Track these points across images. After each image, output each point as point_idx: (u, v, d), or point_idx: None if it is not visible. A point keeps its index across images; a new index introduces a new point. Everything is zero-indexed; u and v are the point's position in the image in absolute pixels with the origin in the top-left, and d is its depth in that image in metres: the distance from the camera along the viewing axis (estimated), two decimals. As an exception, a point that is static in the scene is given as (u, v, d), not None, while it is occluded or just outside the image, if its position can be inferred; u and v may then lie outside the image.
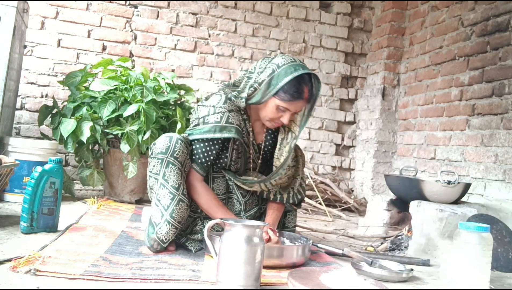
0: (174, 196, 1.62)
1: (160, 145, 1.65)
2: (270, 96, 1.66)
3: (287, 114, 1.68)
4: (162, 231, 1.63)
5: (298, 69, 1.63)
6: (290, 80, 1.61)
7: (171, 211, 1.62)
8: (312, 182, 3.59)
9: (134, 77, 2.82)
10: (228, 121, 1.67)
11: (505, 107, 2.69)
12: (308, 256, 1.72)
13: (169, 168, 1.63)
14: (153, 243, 1.64)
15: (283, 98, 1.64)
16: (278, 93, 1.63)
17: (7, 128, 2.77)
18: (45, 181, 1.79)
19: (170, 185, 1.63)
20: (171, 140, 1.64)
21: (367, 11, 4.21)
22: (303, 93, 1.65)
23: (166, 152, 1.63)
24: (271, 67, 1.66)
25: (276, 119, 1.70)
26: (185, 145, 1.67)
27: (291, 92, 1.62)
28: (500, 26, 2.80)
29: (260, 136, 1.86)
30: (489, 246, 1.51)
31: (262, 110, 1.72)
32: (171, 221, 1.63)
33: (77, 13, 3.56)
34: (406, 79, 3.83)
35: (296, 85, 1.62)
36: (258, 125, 1.83)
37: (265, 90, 1.66)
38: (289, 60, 1.66)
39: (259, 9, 3.95)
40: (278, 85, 1.62)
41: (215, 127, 1.66)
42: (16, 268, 1.28)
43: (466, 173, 2.95)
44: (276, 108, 1.67)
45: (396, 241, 2.27)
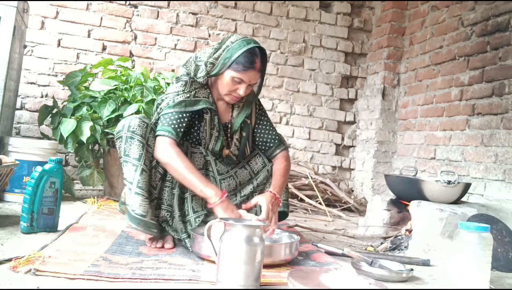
0: (136, 167, 1.66)
1: (117, 127, 1.74)
2: (225, 68, 1.76)
3: (242, 85, 1.78)
4: (135, 205, 1.65)
5: (250, 43, 1.77)
6: (242, 52, 1.74)
7: (137, 182, 1.65)
8: (312, 182, 3.59)
9: (134, 77, 2.82)
10: (195, 96, 1.81)
11: (505, 107, 2.69)
12: (295, 253, 1.71)
13: (128, 142, 1.69)
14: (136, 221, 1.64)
15: (237, 69, 1.75)
16: (232, 65, 1.75)
17: (7, 128, 2.77)
18: (45, 181, 1.79)
19: (132, 158, 1.67)
20: (126, 120, 1.74)
21: (367, 11, 4.21)
22: (255, 64, 1.76)
23: (123, 129, 1.71)
24: (226, 43, 1.79)
25: (233, 91, 1.81)
26: (140, 120, 1.72)
27: (244, 62, 1.74)
28: (500, 26, 2.80)
29: (226, 116, 1.94)
30: (489, 246, 1.51)
31: (220, 85, 1.82)
32: (139, 192, 1.65)
33: (77, 13, 3.56)
34: (406, 79, 3.83)
35: (248, 56, 1.74)
36: (221, 104, 1.92)
37: (221, 64, 1.77)
38: (241, 37, 1.81)
39: (259, 9, 3.95)
40: (232, 57, 1.75)
41: (185, 102, 1.77)
42: (16, 268, 1.28)
43: (466, 173, 2.95)
44: (231, 80, 1.77)
45: (396, 241, 2.27)
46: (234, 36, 1.82)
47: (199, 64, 1.82)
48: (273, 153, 1.99)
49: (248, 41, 1.78)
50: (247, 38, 1.81)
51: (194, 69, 1.82)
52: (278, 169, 1.93)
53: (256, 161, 2.01)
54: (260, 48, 1.79)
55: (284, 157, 1.98)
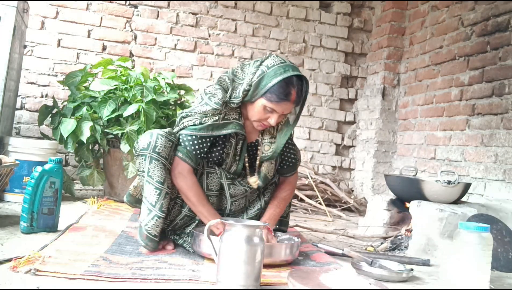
0: (160, 191, 1.64)
1: (142, 142, 1.67)
2: (258, 97, 1.67)
3: (274, 115, 1.68)
4: (151, 226, 1.64)
5: (288, 71, 1.65)
6: (278, 81, 1.63)
7: (159, 206, 1.64)
8: (312, 182, 3.59)
9: (134, 77, 2.82)
10: (224, 118, 1.70)
11: (505, 107, 2.69)
12: (296, 254, 1.71)
13: (152, 164, 1.64)
14: (146, 241, 1.65)
15: (270, 98, 1.65)
16: (266, 94, 1.65)
17: (7, 128, 2.77)
18: (45, 181, 1.79)
19: (155, 181, 1.64)
20: (152, 136, 1.66)
21: (367, 11, 4.21)
22: (290, 95, 1.65)
23: (148, 148, 1.65)
24: (262, 69, 1.67)
25: (263, 120, 1.71)
26: (167, 139, 1.67)
27: (278, 94, 1.63)
28: (500, 26, 2.80)
29: (253, 135, 1.86)
30: (489, 246, 1.51)
31: (250, 111, 1.73)
32: (161, 216, 1.64)
33: (77, 13, 3.56)
34: (406, 79, 3.83)
35: (283, 87, 1.63)
36: (248, 124, 1.81)
37: (254, 90, 1.67)
38: (278, 62, 1.68)
39: (259, 9, 3.95)
40: (266, 86, 1.64)
41: (212, 126, 1.69)
42: (16, 268, 1.28)
43: (466, 173, 2.95)
44: (263, 108, 1.68)
45: (396, 241, 2.27)
46: (272, 59, 1.69)
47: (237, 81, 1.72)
48: (285, 173, 1.93)
49: (286, 68, 1.65)
50: (285, 63, 1.68)
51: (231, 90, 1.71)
52: (278, 198, 1.88)
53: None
54: (297, 76, 1.66)
55: (290, 184, 1.93)
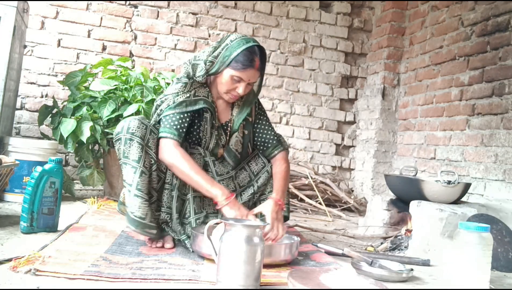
0: (136, 169, 1.66)
1: (117, 129, 1.73)
2: (225, 67, 1.77)
3: (241, 84, 1.78)
4: (134, 207, 1.64)
5: (249, 41, 1.78)
6: (241, 50, 1.74)
7: (136, 184, 1.65)
8: (312, 182, 3.59)
9: (134, 77, 2.82)
10: (195, 95, 1.81)
11: (505, 107, 2.69)
12: (295, 254, 1.71)
13: (127, 144, 1.68)
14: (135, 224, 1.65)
15: (235, 67, 1.75)
16: (231, 63, 1.75)
17: (7, 128, 2.77)
18: (45, 181, 1.79)
19: (131, 160, 1.67)
20: (125, 121, 1.72)
21: (367, 11, 4.21)
22: (254, 62, 1.76)
23: (122, 131, 1.70)
24: (225, 42, 1.80)
25: (232, 90, 1.81)
26: (140, 122, 1.71)
27: (243, 61, 1.74)
28: (500, 26, 2.80)
29: (225, 115, 1.94)
30: (489, 246, 1.51)
31: (219, 84, 1.82)
32: (138, 194, 1.65)
33: (77, 13, 3.56)
34: (406, 79, 3.83)
35: (247, 55, 1.75)
36: (221, 103, 1.92)
37: (220, 62, 1.77)
38: (240, 36, 1.82)
39: (259, 9, 3.95)
40: (231, 55, 1.75)
41: (185, 102, 1.77)
42: (16, 268, 1.28)
43: (466, 173, 2.95)
44: (231, 78, 1.77)
45: (396, 241, 2.27)
46: (234, 34, 1.83)
47: (198, 62, 1.82)
48: (271, 153, 1.98)
49: (248, 40, 1.78)
50: (247, 37, 1.82)
51: (193, 69, 1.82)
52: (279, 172, 1.92)
53: (256, 162, 2.00)
54: (259, 47, 1.79)
55: (284, 159, 1.97)
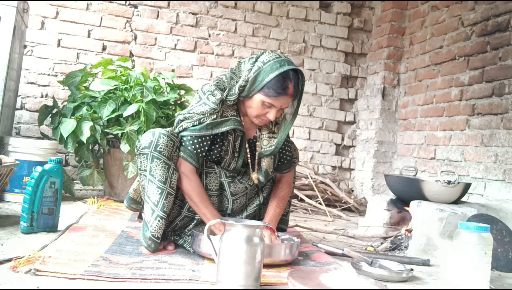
0: (162, 191, 1.63)
1: (144, 141, 1.67)
2: (255, 92, 1.68)
3: (272, 110, 1.70)
4: (155, 228, 1.63)
5: (284, 65, 1.66)
6: (275, 76, 1.64)
7: (161, 206, 1.63)
8: (312, 182, 3.59)
9: (134, 77, 2.82)
10: (222, 116, 1.70)
11: (505, 107, 2.69)
12: (295, 254, 1.71)
13: (154, 162, 1.63)
14: (149, 242, 1.64)
15: (267, 93, 1.66)
16: (263, 89, 1.66)
17: (7, 128, 2.77)
18: (45, 181, 1.79)
19: (157, 180, 1.63)
20: (154, 135, 1.66)
21: (367, 11, 4.21)
22: (288, 89, 1.67)
23: (149, 147, 1.64)
24: (257, 65, 1.69)
25: (262, 115, 1.73)
26: (169, 138, 1.67)
27: (276, 88, 1.65)
28: (500, 26, 2.80)
29: (251, 131, 1.86)
30: (489, 246, 1.51)
31: (248, 107, 1.74)
32: (163, 216, 1.64)
33: (77, 13, 3.56)
34: (406, 79, 3.83)
35: (280, 81, 1.65)
36: (247, 120, 1.82)
37: (251, 86, 1.68)
38: (274, 57, 1.69)
39: (259, 9, 3.95)
40: (263, 81, 1.65)
41: (211, 124, 1.69)
42: (16, 268, 1.28)
43: (466, 173, 2.95)
44: (261, 104, 1.69)
45: (396, 241, 2.27)
46: (267, 54, 1.70)
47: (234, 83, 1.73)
48: (282, 170, 1.93)
49: (282, 63, 1.67)
50: (281, 58, 1.69)
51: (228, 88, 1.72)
52: (277, 198, 1.88)
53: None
54: (295, 70, 1.68)
55: (287, 183, 1.93)
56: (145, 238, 1.65)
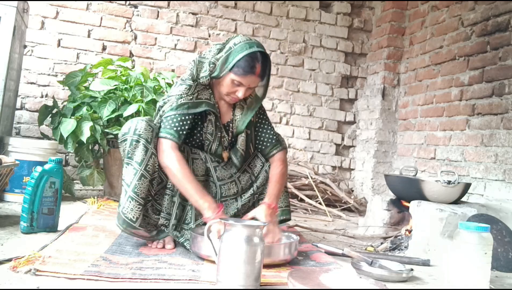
0: (136, 171, 1.65)
1: (123, 129, 1.73)
2: (227, 72, 1.75)
3: (241, 88, 1.77)
4: (127, 209, 1.64)
5: (253, 46, 1.74)
6: (243, 56, 1.72)
7: (133, 187, 1.64)
8: (312, 182, 3.59)
9: (134, 77, 2.82)
10: (198, 98, 1.80)
11: (505, 107, 2.69)
12: (294, 253, 1.71)
13: (133, 145, 1.68)
14: (123, 224, 1.64)
15: (236, 72, 1.73)
16: (233, 68, 1.73)
17: (7, 128, 2.77)
18: (45, 181, 1.79)
19: (134, 161, 1.67)
20: (132, 122, 1.72)
21: (367, 11, 4.21)
22: (255, 68, 1.74)
23: (129, 132, 1.70)
24: (229, 45, 1.78)
25: (232, 93, 1.80)
26: (147, 124, 1.71)
27: (244, 67, 1.72)
28: (500, 26, 2.80)
29: (227, 116, 1.93)
30: (489, 246, 1.51)
31: (220, 86, 1.82)
32: (134, 197, 1.64)
33: (77, 13, 3.56)
34: (406, 79, 3.83)
35: (249, 61, 1.72)
36: (223, 104, 1.91)
37: (222, 65, 1.76)
38: (245, 39, 1.78)
39: (259, 9, 3.95)
40: (233, 60, 1.73)
41: (187, 104, 1.76)
42: (16, 268, 1.28)
43: (466, 173, 2.95)
44: (231, 82, 1.76)
45: (396, 241, 2.27)
46: (238, 37, 1.80)
47: (204, 61, 1.81)
48: (270, 152, 1.97)
49: (251, 44, 1.75)
50: (251, 41, 1.78)
51: (197, 69, 1.81)
52: (274, 175, 1.90)
53: (255, 162, 2.00)
54: (262, 53, 1.76)
55: (281, 160, 1.96)
56: (119, 220, 1.65)
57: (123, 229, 1.66)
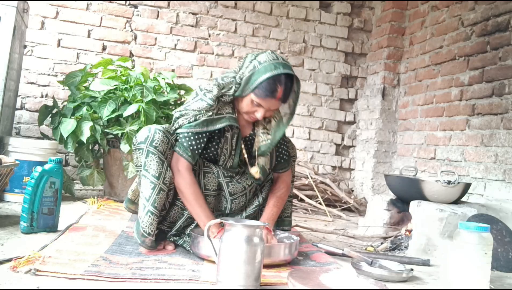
0: (155, 186, 1.63)
1: (140, 136, 1.69)
2: (248, 92, 1.71)
3: (260, 109, 1.72)
4: (146, 223, 1.63)
5: (278, 68, 1.67)
6: (266, 78, 1.66)
7: (153, 201, 1.63)
8: (312, 182, 3.59)
9: (134, 77, 2.82)
10: (218, 113, 1.74)
11: (505, 107, 2.69)
12: (295, 254, 1.71)
13: (149, 157, 1.65)
14: (142, 239, 1.64)
15: (256, 94, 1.69)
16: (255, 89, 1.69)
17: (7, 128, 2.77)
18: (45, 181, 1.79)
19: (150, 175, 1.64)
20: (150, 131, 1.68)
21: (367, 11, 4.21)
22: (276, 92, 1.67)
23: (145, 142, 1.66)
24: (254, 63, 1.71)
25: (251, 113, 1.75)
26: (164, 135, 1.69)
27: (264, 90, 1.67)
28: (500, 26, 2.80)
29: (247, 129, 1.88)
30: (489, 246, 1.51)
31: (240, 103, 1.77)
32: (154, 211, 1.63)
33: (77, 13, 3.56)
34: (406, 79, 3.83)
35: (270, 84, 1.66)
36: (243, 118, 1.84)
37: (245, 85, 1.71)
38: (271, 58, 1.70)
39: (259, 9, 3.95)
40: (256, 82, 1.68)
41: (207, 121, 1.71)
42: (16, 268, 1.28)
43: (466, 173, 2.95)
44: (251, 102, 1.72)
45: (396, 241, 2.27)
46: (265, 55, 1.71)
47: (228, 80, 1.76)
48: (278, 170, 1.94)
49: (276, 66, 1.67)
50: (277, 60, 1.70)
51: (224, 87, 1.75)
52: (274, 197, 1.89)
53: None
54: (287, 75, 1.68)
55: (284, 182, 1.93)
56: (138, 234, 1.65)
57: (141, 244, 1.66)
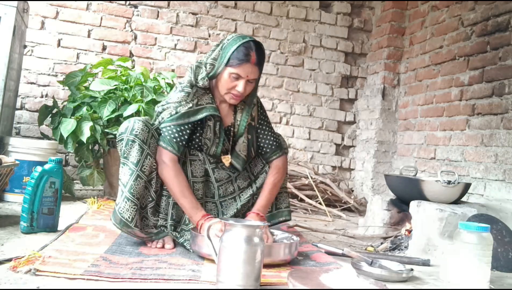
0: (132, 172, 1.67)
1: (121, 128, 1.74)
2: (223, 67, 1.76)
3: (240, 81, 1.76)
4: (123, 209, 1.66)
5: (245, 38, 1.77)
6: (237, 46, 1.74)
7: (129, 187, 1.66)
8: (312, 182, 3.59)
9: (134, 77, 2.82)
10: (198, 104, 1.79)
11: (505, 107, 2.69)
12: (295, 254, 1.71)
13: (129, 145, 1.69)
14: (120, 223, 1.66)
15: (232, 64, 1.74)
16: (228, 61, 1.74)
17: (7, 128, 2.77)
18: (45, 181, 1.79)
19: (130, 162, 1.68)
20: (130, 122, 1.73)
21: (367, 11, 4.21)
22: (250, 56, 1.74)
23: (125, 132, 1.71)
24: (223, 42, 1.80)
25: (232, 89, 1.78)
26: (144, 124, 1.72)
27: (239, 56, 1.73)
28: (500, 26, 2.80)
29: (228, 118, 1.92)
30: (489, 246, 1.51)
31: (219, 86, 1.81)
32: (129, 197, 1.65)
33: (77, 13, 3.56)
34: (406, 79, 3.83)
35: (243, 50, 1.74)
36: (224, 108, 1.89)
37: (218, 62, 1.77)
38: (237, 34, 1.81)
39: (259, 9, 3.95)
40: (228, 53, 1.74)
41: (188, 113, 1.76)
42: (16, 268, 1.28)
43: (466, 173, 2.95)
44: (229, 76, 1.76)
45: (396, 241, 2.27)
46: (231, 35, 1.83)
47: (200, 66, 1.83)
48: (270, 158, 1.97)
49: (244, 36, 1.78)
50: (243, 34, 1.81)
51: (195, 74, 1.81)
52: (268, 184, 1.91)
53: (255, 163, 2.00)
54: (255, 42, 1.77)
55: (277, 167, 1.95)
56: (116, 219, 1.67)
57: (120, 228, 1.68)
